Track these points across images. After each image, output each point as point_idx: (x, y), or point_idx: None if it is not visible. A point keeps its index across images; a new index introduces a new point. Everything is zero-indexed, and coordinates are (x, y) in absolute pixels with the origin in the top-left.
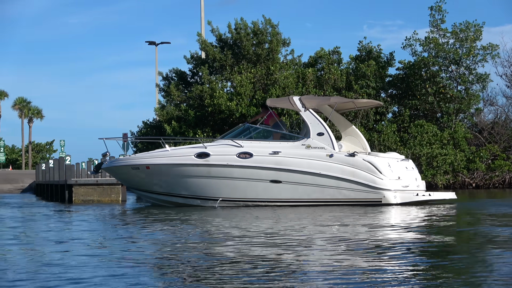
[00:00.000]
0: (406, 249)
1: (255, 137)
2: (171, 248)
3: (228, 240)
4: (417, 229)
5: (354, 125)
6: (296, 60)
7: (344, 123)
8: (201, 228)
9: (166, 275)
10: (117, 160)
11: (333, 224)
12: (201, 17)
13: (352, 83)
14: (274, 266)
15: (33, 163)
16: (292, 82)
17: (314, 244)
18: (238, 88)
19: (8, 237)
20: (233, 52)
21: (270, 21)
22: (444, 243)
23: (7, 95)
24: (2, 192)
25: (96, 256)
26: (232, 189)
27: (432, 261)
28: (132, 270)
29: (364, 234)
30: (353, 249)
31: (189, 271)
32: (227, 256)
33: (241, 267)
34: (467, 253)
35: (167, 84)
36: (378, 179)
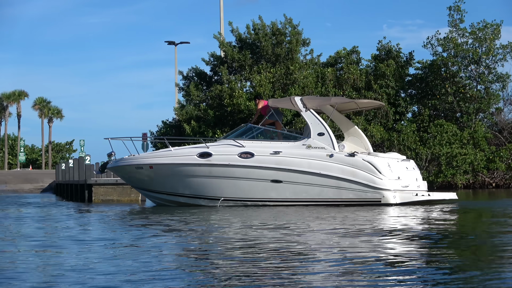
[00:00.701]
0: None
1: (257, 137)
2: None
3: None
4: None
5: (374, 124)
6: (315, 60)
7: (347, 123)
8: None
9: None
10: (122, 160)
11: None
12: (220, 17)
13: (372, 83)
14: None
15: (53, 163)
16: (312, 81)
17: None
18: (258, 88)
19: (30, 237)
20: (252, 52)
21: (291, 20)
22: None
23: (27, 95)
24: (23, 192)
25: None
26: (234, 188)
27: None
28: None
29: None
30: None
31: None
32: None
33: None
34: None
35: (187, 84)
36: (378, 179)
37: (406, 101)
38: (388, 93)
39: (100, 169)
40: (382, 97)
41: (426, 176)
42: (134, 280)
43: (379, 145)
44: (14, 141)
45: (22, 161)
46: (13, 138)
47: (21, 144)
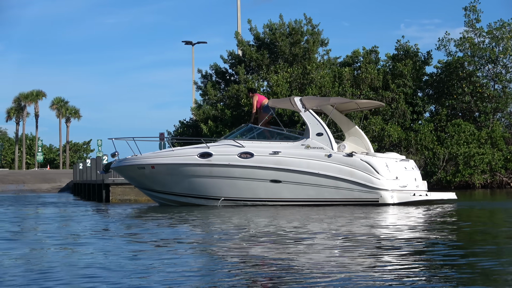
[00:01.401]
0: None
1: (257, 138)
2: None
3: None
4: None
5: (391, 123)
6: (332, 60)
7: (347, 123)
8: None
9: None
10: (125, 160)
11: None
12: (238, 16)
13: (389, 82)
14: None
15: (71, 163)
16: (329, 81)
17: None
18: (275, 88)
19: (50, 236)
20: (269, 51)
21: (311, 20)
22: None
23: (45, 95)
24: (40, 191)
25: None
26: (234, 188)
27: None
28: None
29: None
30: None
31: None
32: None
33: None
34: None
35: (205, 83)
36: (375, 179)
37: (424, 101)
38: (405, 92)
39: (104, 169)
40: (400, 97)
41: (443, 176)
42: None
43: (397, 145)
44: (32, 141)
45: (40, 161)
46: (31, 138)
47: (39, 144)
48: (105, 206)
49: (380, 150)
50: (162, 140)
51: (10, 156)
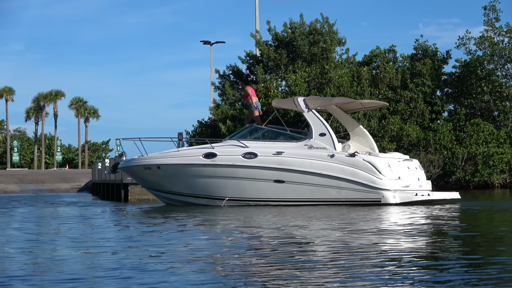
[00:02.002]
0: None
1: (261, 138)
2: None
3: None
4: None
5: (410, 123)
6: (351, 59)
7: (352, 123)
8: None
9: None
10: (132, 160)
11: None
12: (256, 16)
13: (408, 82)
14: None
15: (89, 162)
16: (347, 81)
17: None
18: (293, 87)
19: (69, 236)
20: (288, 51)
21: (328, 19)
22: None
23: (63, 95)
24: (59, 191)
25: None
26: (238, 188)
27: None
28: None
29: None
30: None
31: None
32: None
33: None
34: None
35: (223, 83)
36: (377, 179)
37: (442, 100)
38: (424, 92)
39: (111, 169)
40: (418, 96)
41: (462, 176)
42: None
43: (415, 145)
44: (51, 141)
45: (59, 160)
46: (50, 138)
47: (58, 144)
48: (124, 205)
49: (399, 149)
50: (180, 140)
51: (29, 156)
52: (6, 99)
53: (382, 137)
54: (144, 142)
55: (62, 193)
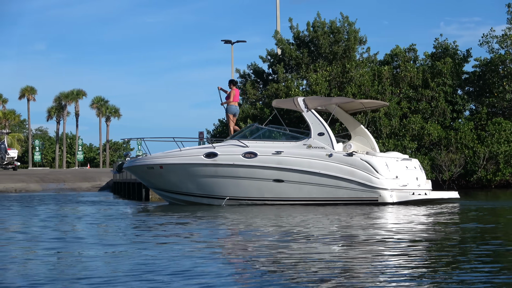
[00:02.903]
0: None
1: (262, 137)
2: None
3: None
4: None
5: (431, 122)
6: (372, 58)
7: (353, 123)
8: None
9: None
10: (136, 160)
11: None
12: (277, 15)
13: (429, 81)
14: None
15: (111, 161)
16: (368, 80)
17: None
18: (314, 86)
19: (89, 236)
20: (309, 50)
21: (348, 18)
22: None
23: (85, 94)
24: (81, 190)
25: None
26: (238, 188)
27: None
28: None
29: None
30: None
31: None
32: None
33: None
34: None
35: (243, 82)
36: (375, 178)
37: (464, 99)
38: (445, 91)
39: (117, 169)
40: (439, 95)
41: (483, 175)
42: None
43: (436, 144)
44: (72, 140)
45: (80, 159)
46: (71, 137)
47: (79, 143)
48: (145, 204)
49: (420, 149)
50: (201, 140)
51: (51, 155)
52: (28, 99)
53: (403, 136)
54: (164, 142)
55: (83, 192)
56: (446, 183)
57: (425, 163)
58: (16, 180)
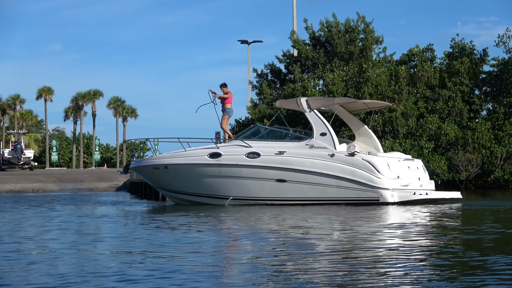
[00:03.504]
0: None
1: (265, 138)
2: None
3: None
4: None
5: (448, 122)
6: (388, 58)
7: (357, 123)
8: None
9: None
10: (141, 160)
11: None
12: (293, 15)
13: (446, 81)
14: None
15: (127, 162)
16: (385, 79)
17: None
18: (330, 86)
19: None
20: (325, 50)
21: (364, 18)
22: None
23: (102, 94)
24: (98, 190)
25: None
26: (242, 188)
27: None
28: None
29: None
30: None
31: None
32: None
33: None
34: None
35: (260, 82)
36: (376, 178)
37: (481, 99)
38: (462, 90)
39: (124, 169)
40: (457, 95)
41: (501, 175)
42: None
43: (453, 144)
44: (89, 140)
45: (97, 159)
46: (88, 137)
47: (96, 143)
48: (162, 204)
49: (437, 149)
50: (218, 140)
51: (68, 155)
52: (45, 99)
53: (420, 136)
54: (177, 143)
55: (100, 192)
56: (463, 183)
57: (442, 163)
58: (34, 180)
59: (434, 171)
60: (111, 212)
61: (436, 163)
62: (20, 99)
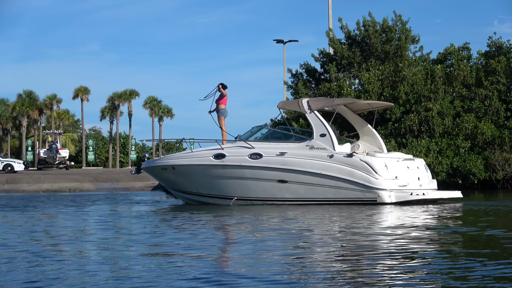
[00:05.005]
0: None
1: (268, 138)
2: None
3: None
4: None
5: (484, 121)
6: (424, 57)
7: (361, 123)
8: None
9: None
10: (152, 161)
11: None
12: (329, 14)
13: (482, 79)
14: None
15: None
16: (421, 78)
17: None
18: (366, 86)
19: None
20: (361, 49)
21: (401, 17)
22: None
23: (138, 94)
24: (134, 190)
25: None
26: (245, 188)
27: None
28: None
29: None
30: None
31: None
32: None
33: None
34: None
35: (295, 82)
36: (373, 178)
37: None
38: (499, 89)
39: (136, 170)
40: (493, 94)
41: None
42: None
43: (490, 143)
44: (125, 140)
45: (133, 159)
46: (125, 137)
47: (132, 143)
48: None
49: (474, 148)
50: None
51: (104, 154)
52: (81, 99)
53: (457, 135)
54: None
55: (136, 192)
56: (500, 182)
57: (478, 162)
58: (70, 180)
59: (470, 170)
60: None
61: (473, 162)
62: (57, 99)
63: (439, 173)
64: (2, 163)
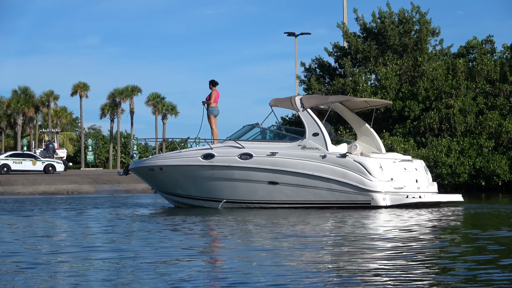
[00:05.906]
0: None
1: (258, 138)
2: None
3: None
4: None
5: (510, 119)
6: (445, 51)
7: (359, 122)
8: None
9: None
10: (140, 161)
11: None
12: (343, 5)
13: (507, 74)
14: None
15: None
16: (441, 73)
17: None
18: (383, 81)
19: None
20: (377, 42)
21: (419, 8)
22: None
23: (140, 90)
24: (136, 192)
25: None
26: (234, 190)
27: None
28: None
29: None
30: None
31: None
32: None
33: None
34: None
35: (308, 77)
36: (367, 180)
37: None
38: None
39: (124, 171)
40: None
41: None
42: None
43: None
44: (127, 139)
45: (135, 159)
46: (126, 136)
47: (134, 142)
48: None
49: (498, 147)
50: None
51: (105, 154)
52: (80, 95)
53: (480, 134)
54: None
55: (138, 194)
56: None
57: (503, 163)
58: (68, 181)
59: (494, 171)
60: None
61: (497, 163)
62: (54, 96)
63: (460, 175)
64: (43, 164)
